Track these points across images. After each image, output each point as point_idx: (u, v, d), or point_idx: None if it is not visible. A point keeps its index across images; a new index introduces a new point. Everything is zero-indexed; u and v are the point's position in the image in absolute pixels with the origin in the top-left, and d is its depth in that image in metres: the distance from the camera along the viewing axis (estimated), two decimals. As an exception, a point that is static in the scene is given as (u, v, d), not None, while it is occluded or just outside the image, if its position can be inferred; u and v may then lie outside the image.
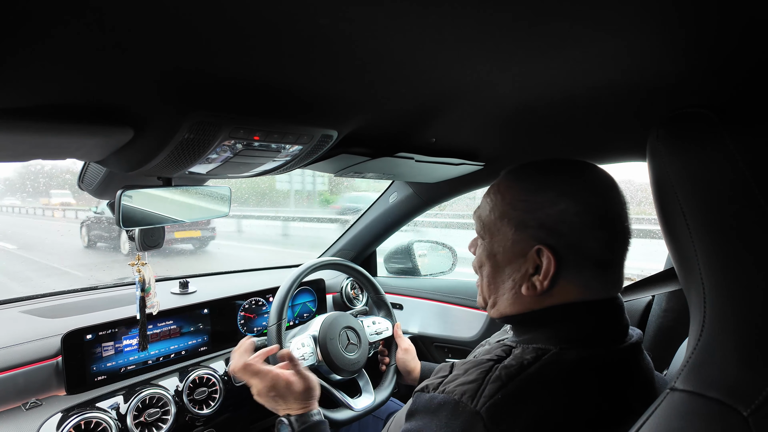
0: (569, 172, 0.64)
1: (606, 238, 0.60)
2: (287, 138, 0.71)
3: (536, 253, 0.61)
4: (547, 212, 0.60)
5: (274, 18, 0.40)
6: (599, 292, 0.61)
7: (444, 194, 1.47)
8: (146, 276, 0.99)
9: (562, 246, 0.60)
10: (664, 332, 1.08)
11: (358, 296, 1.67)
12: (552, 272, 0.60)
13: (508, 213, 0.64)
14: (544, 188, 0.62)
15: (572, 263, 0.60)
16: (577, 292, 0.61)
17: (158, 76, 0.50)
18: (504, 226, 0.64)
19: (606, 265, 0.61)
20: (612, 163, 1.05)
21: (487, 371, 0.58)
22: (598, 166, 0.65)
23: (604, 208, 0.61)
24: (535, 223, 0.61)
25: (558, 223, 0.60)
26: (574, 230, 0.59)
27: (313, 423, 0.90)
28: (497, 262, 0.66)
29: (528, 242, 0.62)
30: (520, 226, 0.63)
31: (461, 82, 0.62)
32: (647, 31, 0.46)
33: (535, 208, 0.61)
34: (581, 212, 0.59)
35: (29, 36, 0.38)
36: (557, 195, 0.60)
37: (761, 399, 0.40)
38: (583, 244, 0.59)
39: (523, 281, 0.63)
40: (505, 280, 0.66)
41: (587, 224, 0.59)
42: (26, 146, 0.60)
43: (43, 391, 0.96)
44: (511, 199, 0.64)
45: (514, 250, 0.64)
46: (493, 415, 0.53)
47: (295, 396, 0.92)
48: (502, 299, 0.66)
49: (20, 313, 1.16)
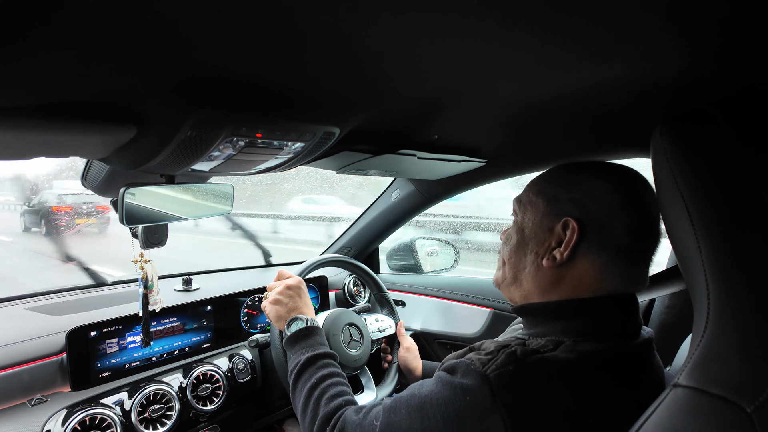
0: (611, 163, 0.66)
1: (632, 222, 0.61)
2: (289, 135, 0.71)
3: (562, 226, 0.63)
4: (581, 187, 0.63)
5: (275, 16, 0.40)
6: (618, 282, 0.62)
7: (446, 191, 1.47)
8: (149, 273, 0.99)
9: (588, 221, 0.62)
10: (667, 329, 1.08)
11: (361, 293, 1.67)
12: (573, 242, 0.62)
13: (544, 189, 0.68)
14: (584, 169, 0.65)
15: (595, 241, 0.61)
16: (594, 274, 0.62)
17: (161, 74, 0.50)
18: (539, 200, 0.68)
19: (629, 252, 0.61)
20: (615, 159, 1.04)
21: (504, 346, 0.60)
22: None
23: (637, 192, 0.62)
24: (567, 197, 0.64)
25: (589, 198, 0.62)
26: (602, 207, 0.61)
27: (318, 325, 0.98)
28: (524, 235, 0.69)
29: (557, 215, 0.64)
30: (553, 201, 0.66)
31: (464, 79, 0.62)
32: (651, 28, 0.46)
33: (570, 184, 0.65)
34: (611, 191, 0.61)
35: (34, 37, 0.38)
36: (593, 175, 0.64)
37: (765, 395, 0.40)
38: (610, 224, 0.61)
39: (546, 254, 0.65)
40: (527, 253, 0.68)
41: (616, 203, 0.61)
42: (30, 144, 0.61)
43: (47, 387, 0.97)
44: (551, 177, 0.69)
45: (542, 223, 0.66)
46: (502, 383, 0.55)
47: (307, 303, 1.02)
48: (524, 273, 0.69)
49: (25, 310, 1.17)
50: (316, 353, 0.87)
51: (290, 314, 0.97)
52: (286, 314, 0.97)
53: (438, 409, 0.58)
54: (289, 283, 1.02)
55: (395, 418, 0.63)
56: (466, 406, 0.56)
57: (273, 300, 1.00)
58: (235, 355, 1.24)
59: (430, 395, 0.61)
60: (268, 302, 1.01)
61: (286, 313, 0.98)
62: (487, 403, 0.54)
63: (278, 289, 1.01)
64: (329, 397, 0.77)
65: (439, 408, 0.58)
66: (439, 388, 0.60)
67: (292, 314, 0.97)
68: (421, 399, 0.61)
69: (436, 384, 0.61)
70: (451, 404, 0.57)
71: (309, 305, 1.02)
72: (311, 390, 0.80)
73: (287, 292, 1.00)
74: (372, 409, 0.68)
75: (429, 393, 0.61)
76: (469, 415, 0.56)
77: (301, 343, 0.90)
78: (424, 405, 0.60)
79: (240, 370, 1.21)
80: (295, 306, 0.99)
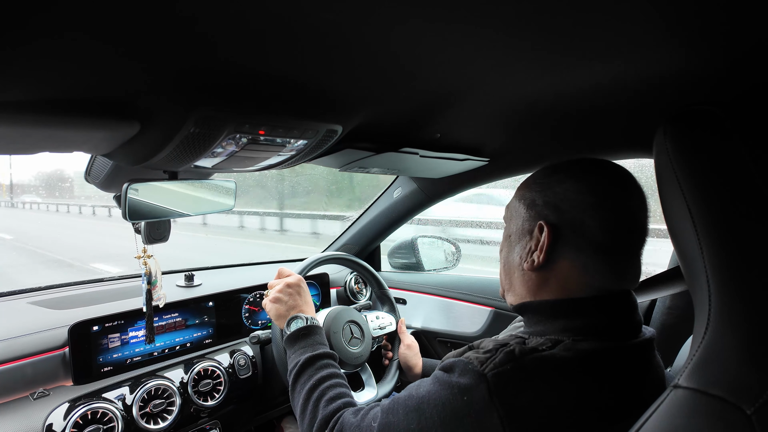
0: (588, 162, 0.66)
1: (606, 220, 0.60)
2: (292, 132, 0.71)
3: (538, 229, 0.64)
4: (554, 190, 0.64)
5: (279, 13, 0.40)
6: (603, 279, 0.62)
7: (448, 190, 1.46)
8: (153, 269, 1.00)
9: (562, 223, 0.62)
10: (668, 329, 1.08)
11: (362, 291, 1.67)
12: (546, 246, 0.63)
13: (524, 195, 0.69)
14: (558, 171, 0.66)
15: (571, 241, 0.62)
16: (576, 274, 0.62)
17: (165, 71, 0.50)
18: (520, 207, 0.69)
19: (608, 250, 0.61)
20: (618, 159, 1.04)
21: (503, 345, 0.60)
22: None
23: (610, 192, 0.62)
24: (542, 201, 0.65)
25: (561, 200, 0.63)
26: (574, 208, 0.61)
27: (318, 324, 0.98)
28: (510, 242, 0.70)
29: (534, 219, 0.65)
30: (531, 205, 0.66)
31: (466, 78, 0.62)
32: (655, 29, 0.46)
33: (545, 188, 0.65)
34: (583, 191, 0.62)
35: (37, 31, 0.38)
36: (566, 176, 0.64)
37: (765, 397, 0.40)
38: (583, 223, 0.61)
39: (527, 257, 0.66)
40: (515, 259, 0.69)
41: (588, 204, 0.61)
42: (34, 139, 0.61)
43: (50, 381, 0.98)
44: (531, 181, 0.69)
45: (523, 228, 0.67)
46: (499, 382, 0.55)
47: (308, 302, 1.02)
48: (515, 279, 0.69)
49: (28, 304, 1.17)
50: (315, 353, 0.87)
51: (290, 312, 0.97)
52: (286, 312, 0.98)
53: (435, 409, 0.59)
54: (290, 281, 1.02)
55: (393, 418, 0.63)
56: (464, 405, 0.56)
57: (273, 298, 1.00)
58: (236, 351, 1.24)
59: (427, 395, 0.61)
60: (268, 300, 1.01)
61: (286, 311, 0.98)
62: (484, 402, 0.54)
63: (279, 287, 1.01)
64: (328, 399, 0.77)
65: (436, 408, 0.58)
66: (437, 388, 0.60)
67: (292, 312, 0.97)
68: (418, 399, 0.61)
69: (433, 384, 0.62)
70: (448, 404, 0.58)
71: (309, 303, 1.02)
72: (310, 391, 0.80)
73: (287, 290, 1.00)
74: (370, 411, 0.69)
75: (426, 393, 0.61)
76: (466, 415, 0.56)
77: (300, 343, 0.91)
78: (421, 405, 0.60)
79: (241, 366, 1.22)
80: (295, 304, 0.99)
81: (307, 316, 0.96)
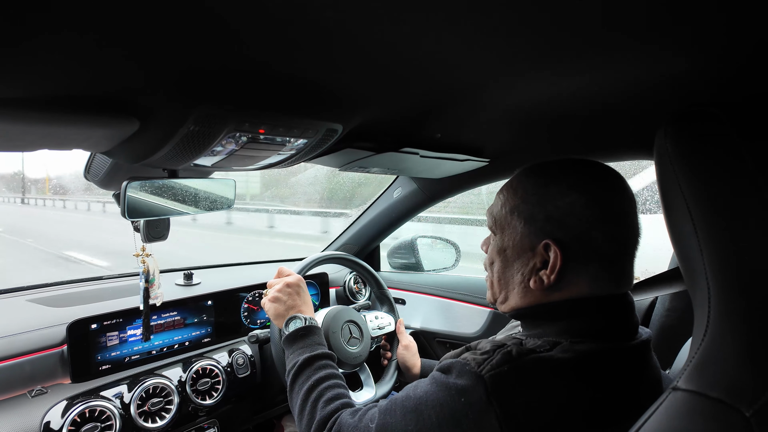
0: (579, 168, 0.65)
1: (613, 231, 0.60)
2: (292, 131, 0.71)
3: (544, 247, 0.62)
4: (556, 204, 0.62)
5: (280, 11, 0.40)
6: (608, 286, 0.62)
7: (448, 190, 1.46)
8: (150, 267, 1.00)
9: (569, 239, 0.61)
10: (667, 331, 1.08)
11: (361, 291, 1.67)
12: (559, 266, 0.61)
13: (518, 207, 0.66)
14: (554, 182, 0.63)
15: (580, 257, 0.61)
16: (585, 286, 0.62)
17: (165, 69, 0.50)
18: (514, 221, 0.66)
19: (613, 259, 0.61)
20: (619, 160, 1.04)
21: (500, 346, 0.59)
22: (606, 163, 0.66)
23: (611, 201, 0.61)
24: (543, 215, 0.62)
25: (566, 215, 0.61)
26: (582, 222, 0.60)
27: (317, 324, 0.98)
28: (507, 257, 0.68)
29: (537, 236, 0.63)
30: (529, 220, 0.64)
31: (467, 79, 0.62)
32: (657, 30, 0.46)
33: (544, 201, 0.63)
34: (589, 204, 0.60)
35: (37, 27, 0.38)
36: (566, 188, 0.62)
37: (764, 400, 0.40)
38: (591, 236, 0.60)
39: (531, 275, 0.64)
40: (514, 274, 0.67)
41: (595, 217, 0.60)
42: (34, 136, 0.61)
43: (48, 378, 0.98)
44: (522, 193, 0.66)
45: (523, 244, 0.65)
46: (496, 383, 0.55)
47: (306, 302, 1.02)
48: (513, 293, 0.68)
49: (26, 302, 1.17)
50: (313, 354, 0.87)
51: (289, 312, 0.97)
52: (284, 312, 0.97)
53: (433, 410, 0.58)
54: (289, 281, 1.02)
55: (390, 419, 0.63)
56: (461, 406, 0.56)
57: (272, 298, 1.00)
58: (234, 350, 1.24)
59: (425, 396, 0.61)
60: (267, 299, 1.01)
61: (284, 311, 0.98)
62: (481, 403, 0.54)
63: (278, 286, 1.01)
64: (326, 400, 0.77)
65: (434, 409, 0.58)
66: (434, 389, 0.60)
67: (291, 312, 0.97)
68: (416, 400, 0.61)
69: (431, 385, 0.61)
70: (446, 405, 0.57)
71: (308, 303, 1.02)
72: (308, 392, 0.80)
73: (286, 290, 1.00)
74: (368, 411, 0.68)
75: (424, 394, 0.61)
76: (464, 416, 0.56)
77: (299, 343, 0.91)
78: (419, 406, 0.60)
79: (239, 365, 1.22)
80: (294, 304, 0.99)
81: (305, 317, 0.96)
